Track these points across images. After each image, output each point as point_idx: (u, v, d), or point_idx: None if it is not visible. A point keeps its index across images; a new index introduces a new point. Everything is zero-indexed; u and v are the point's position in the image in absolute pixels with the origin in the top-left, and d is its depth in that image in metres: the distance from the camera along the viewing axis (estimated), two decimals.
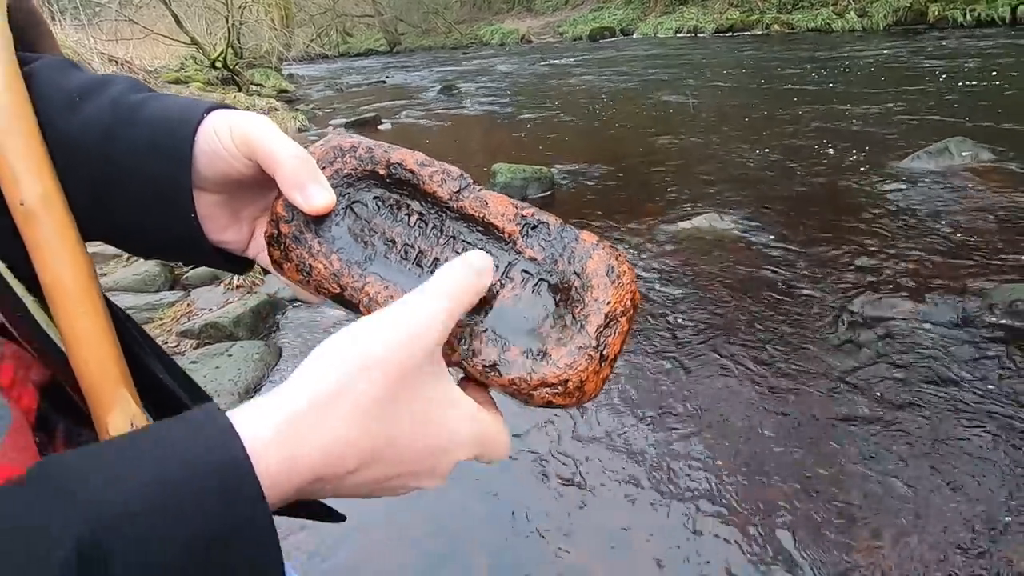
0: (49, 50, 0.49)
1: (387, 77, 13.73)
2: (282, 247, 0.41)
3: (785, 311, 2.61)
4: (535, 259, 0.40)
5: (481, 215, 0.41)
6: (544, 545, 1.61)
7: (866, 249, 3.07)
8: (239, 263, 0.48)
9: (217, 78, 11.18)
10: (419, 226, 0.42)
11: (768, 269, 2.99)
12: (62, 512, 0.22)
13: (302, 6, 22.42)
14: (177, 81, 10.28)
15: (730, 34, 15.60)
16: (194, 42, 11.60)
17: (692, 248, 3.32)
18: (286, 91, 12.38)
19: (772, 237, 3.34)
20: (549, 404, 0.37)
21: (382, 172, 0.42)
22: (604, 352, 0.37)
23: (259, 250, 0.47)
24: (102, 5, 13.34)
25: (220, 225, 0.44)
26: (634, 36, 18.04)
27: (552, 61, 13.41)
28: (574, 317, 0.38)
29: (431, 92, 10.20)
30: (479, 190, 0.42)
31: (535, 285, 0.40)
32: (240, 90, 10.70)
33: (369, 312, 0.39)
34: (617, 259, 0.40)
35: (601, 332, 0.38)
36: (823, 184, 4.09)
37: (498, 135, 6.78)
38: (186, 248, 0.44)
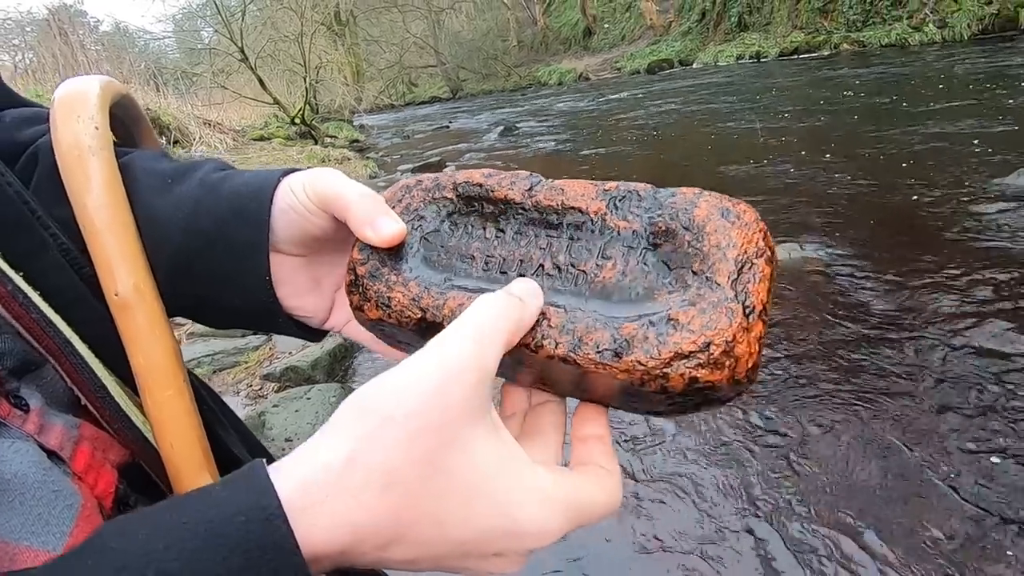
0: (150, 145, 0.53)
1: (450, 122, 14.30)
2: (360, 288, 0.40)
3: (882, 345, 2.40)
4: (632, 230, 0.35)
5: (559, 203, 0.38)
6: None
7: (971, 276, 2.80)
8: (314, 332, 0.49)
9: (296, 133, 12.06)
10: (497, 236, 0.39)
11: (859, 300, 2.78)
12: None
13: (372, 62, 24.00)
14: (261, 138, 11.18)
15: (795, 57, 15.15)
16: (276, 102, 12.61)
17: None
18: (357, 141, 13.15)
19: (860, 265, 3.12)
20: (694, 383, 0.29)
21: (450, 195, 0.41)
22: (747, 303, 0.30)
23: (342, 322, 0.47)
24: (198, 75, 14.86)
25: (300, 290, 0.45)
26: (693, 66, 17.89)
27: (610, 96, 13.52)
28: (695, 274, 0.32)
29: (492, 134, 10.49)
30: (553, 182, 0.39)
31: (639, 256, 0.34)
32: (316, 143, 11.47)
33: None
34: (731, 201, 0.33)
35: (735, 280, 0.30)
36: (913, 206, 3.80)
37: (559, 174, 6.79)
38: (261, 314, 0.45)
